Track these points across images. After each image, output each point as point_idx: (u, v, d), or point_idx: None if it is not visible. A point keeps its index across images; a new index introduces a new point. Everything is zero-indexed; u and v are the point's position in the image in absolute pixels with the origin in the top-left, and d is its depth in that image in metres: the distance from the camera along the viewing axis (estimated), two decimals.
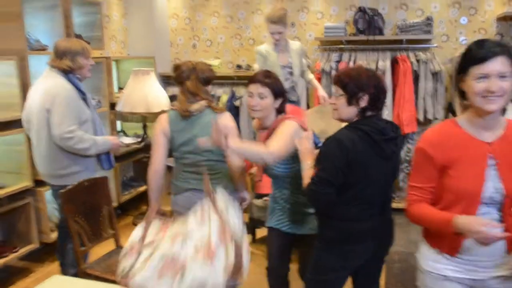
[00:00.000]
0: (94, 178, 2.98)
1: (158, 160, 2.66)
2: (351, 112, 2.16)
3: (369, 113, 2.16)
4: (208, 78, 2.67)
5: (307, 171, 2.20)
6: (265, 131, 2.51)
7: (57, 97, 2.97)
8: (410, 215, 1.89)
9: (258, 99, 2.46)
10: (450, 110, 4.91)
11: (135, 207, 5.33)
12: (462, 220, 1.67)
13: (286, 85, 4.04)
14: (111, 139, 3.33)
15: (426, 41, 4.95)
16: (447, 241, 1.81)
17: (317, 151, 2.24)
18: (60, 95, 2.98)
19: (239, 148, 2.28)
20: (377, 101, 2.15)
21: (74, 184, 2.81)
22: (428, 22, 4.81)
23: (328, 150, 2.10)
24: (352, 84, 2.13)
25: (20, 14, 3.60)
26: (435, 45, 4.93)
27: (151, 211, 2.68)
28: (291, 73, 4.10)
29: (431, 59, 4.80)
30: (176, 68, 2.67)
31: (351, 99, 2.13)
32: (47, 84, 3.05)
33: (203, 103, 2.62)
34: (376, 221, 2.21)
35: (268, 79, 2.48)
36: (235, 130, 2.68)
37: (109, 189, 3.09)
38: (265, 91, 2.45)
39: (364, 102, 2.12)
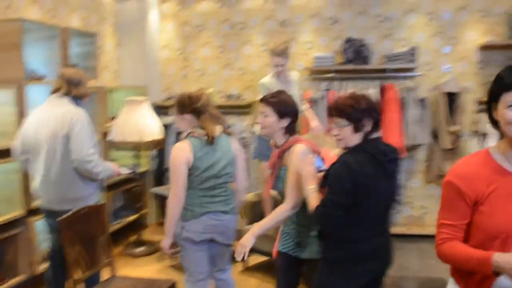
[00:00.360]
0: (91, 206, 2.99)
1: (183, 189, 2.74)
2: (357, 138, 2.22)
3: (371, 136, 2.25)
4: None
5: (311, 195, 2.25)
6: (277, 150, 2.58)
7: (75, 123, 3.06)
8: (441, 255, 1.73)
9: (263, 117, 2.56)
10: (435, 136, 5.04)
11: (124, 237, 5.29)
12: (503, 259, 1.51)
13: None
14: (113, 167, 3.40)
15: (411, 69, 5.11)
16: (477, 280, 1.67)
17: (320, 174, 2.29)
18: (78, 121, 3.08)
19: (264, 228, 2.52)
20: (378, 123, 2.26)
21: (73, 211, 2.82)
22: (412, 52, 4.98)
23: (337, 173, 2.15)
24: (355, 112, 2.18)
25: (20, 44, 3.66)
26: (419, 73, 5.09)
27: (169, 241, 2.80)
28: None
29: (416, 87, 4.95)
30: (195, 98, 2.79)
31: (358, 126, 2.19)
32: (60, 111, 3.11)
33: (219, 127, 2.82)
34: (381, 240, 2.28)
35: (273, 98, 2.57)
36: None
37: (106, 217, 3.09)
38: (268, 110, 2.54)
39: (369, 126, 2.21)
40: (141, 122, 4.54)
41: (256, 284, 4.05)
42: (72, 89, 3.17)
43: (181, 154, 2.71)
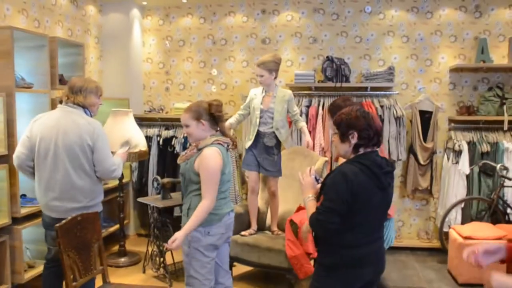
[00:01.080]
0: (86, 213, 3.00)
1: (215, 196, 2.84)
2: (345, 148, 2.36)
3: (361, 150, 2.34)
4: None
5: (309, 203, 2.41)
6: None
7: (98, 135, 3.19)
8: None
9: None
10: (411, 151, 5.27)
11: (105, 248, 5.22)
12: None
13: (265, 129, 4.23)
14: (121, 156, 3.62)
15: (389, 88, 5.34)
16: None
17: (318, 185, 2.45)
18: (100, 133, 3.21)
19: None
20: (366, 139, 2.32)
21: (68, 218, 2.83)
22: (390, 71, 5.21)
23: (334, 182, 2.27)
24: (343, 123, 2.34)
25: (10, 52, 3.65)
26: (396, 92, 5.32)
27: (184, 236, 2.82)
28: (272, 118, 4.24)
29: (393, 105, 5.17)
30: (215, 106, 2.95)
31: (343, 136, 2.35)
32: (80, 120, 3.17)
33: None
34: (374, 247, 2.39)
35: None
36: None
37: (100, 225, 3.10)
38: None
39: (354, 139, 2.32)
40: (126, 133, 4.56)
41: None
42: (71, 96, 3.22)
43: (218, 161, 2.83)
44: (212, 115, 2.93)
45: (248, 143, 4.30)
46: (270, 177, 4.35)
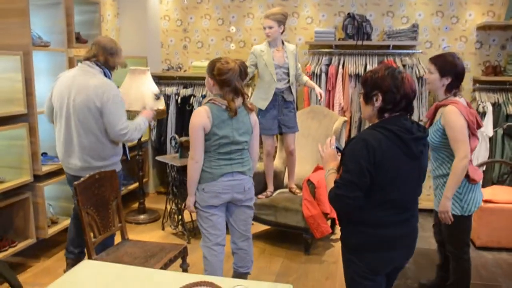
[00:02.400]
0: (104, 171, 3.03)
1: (199, 153, 2.84)
2: (368, 111, 2.10)
3: (386, 115, 2.06)
4: (245, 78, 2.96)
5: (329, 177, 2.13)
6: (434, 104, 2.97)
7: (108, 98, 3.13)
8: None
9: (428, 73, 2.99)
10: None
11: (125, 205, 5.35)
12: None
13: (282, 85, 4.15)
14: (145, 114, 3.57)
15: (411, 47, 5.17)
16: None
17: (340, 156, 2.18)
18: (110, 96, 3.15)
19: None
20: (392, 102, 2.02)
21: (86, 176, 2.87)
22: (414, 29, 5.03)
23: (354, 150, 1.99)
24: (368, 82, 2.08)
25: (25, 10, 3.62)
26: (419, 51, 5.16)
27: (192, 199, 2.93)
28: (287, 74, 4.17)
29: (416, 64, 5.02)
30: (224, 70, 2.81)
31: (366, 97, 2.10)
32: (93, 82, 3.16)
33: (241, 99, 2.89)
34: (405, 227, 2.11)
35: (438, 57, 2.95)
36: None
37: (118, 183, 3.13)
38: (432, 67, 2.94)
39: (378, 101, 2.04)
40: (144, 92, 4.55)
41: (259, 251, 4.16)
42: (108, 58, 3.23)
43: (198, 119, 2.80)
44: (219, 79, 2.85)
45: (264, 104, 4.16)
46: (288, 134, 4.28)
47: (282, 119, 4.21)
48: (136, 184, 5.22)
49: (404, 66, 5.02)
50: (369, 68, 5.07)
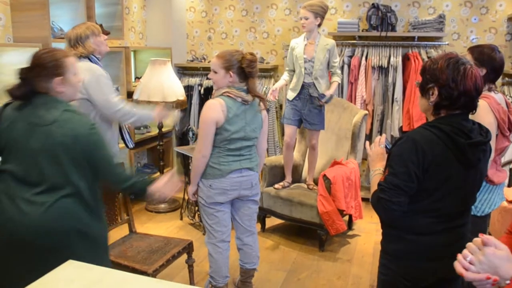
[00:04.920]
0: None
1: (208, 147, 2.66)
2: (424, 105, 1.81)
3: (442, 112, 1.76)
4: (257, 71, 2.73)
5: (375, 177, 1.88)
6: None
7: (89, 82, 2.85)
8: None
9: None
10: None
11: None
12: None
13: (310, 79, 3.88)
14: (157, 112, 3.17)
15: (437, 38, 4.80)
16: None
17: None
18: (89, 80, 2.85)
19: None
20: (448, 98, 1.71)
21: None
22: (441, 20, 4.66)
23: (402, 152, 1.73)
24: (426, 72, 1.77)
25: (46, 3, 3.52)
26: (446, 42, 4.78)
27: (193, 188, 2.82)
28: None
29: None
30: (248, 61, 2.62)
31: (422, 89, 1.79)
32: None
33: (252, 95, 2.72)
34: (453, 236, 1.81)
35: (474, 47, 2.59)
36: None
37: None
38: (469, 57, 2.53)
39: (434, 96, 1.74)
40: (164, 83, 4.40)
41: (273, 245, 3.97)
42: (71, 50, 2.94)
43: (211, 113, 2.60)
44: (243, 69, 2.63)
45: (292, 95, 3.93)
46: (311, 130, 4.04)
47: (305, 114, 3.95)
48: (159, 173, 5.11)
49: (429, 58, 4.65)
50: (392, 60, 4.75)
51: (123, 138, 3.32)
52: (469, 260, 1.17)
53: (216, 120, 2.60)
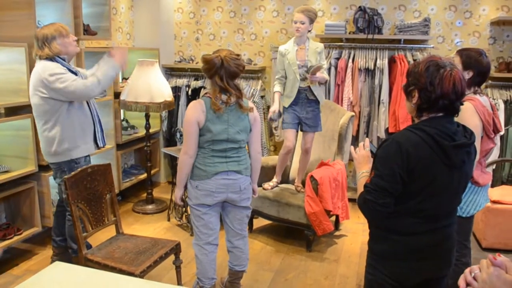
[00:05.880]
0: (97, 165, 2.86)
1: (192, 147, 2.64)
2: (409, 107, 1.83)
3: (425, 114, 1.77)
4: (235, 73, 2.61)
5: (361, 180, 1.89)
6: None
7: (50, 74, 2.89)
8: None
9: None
10: None
11: (135, 195, 5.23)
12: None
13: (305, 84, 3.86)
14: (116, 58, 3.09)
15: (423, 41, 4.86)
16: None
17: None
18: (44, 72, 2.90)
19: None
20: (427, 101, 1.73)
21: (78, 170, 2.71)
22: (426, 23, 4.71)
23: (387, 154, 1.74)
24: (409, 75, 1.80)
25: (32, 2, 3.47)
26: (431, 45, 4.84)
27: (180, 192, 2.79)
28: (308, 72, 3.83)
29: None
30: (205, 62, 2.59)
31: (405, 92, 1.82)
32: (35, 74, 3.00)
33: (233, 97, 2.63)
34: (438, 236, 1.83)
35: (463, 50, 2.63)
36: None
37: (112, 176, 2.97)
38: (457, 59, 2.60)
39: (415, 98, 1.76)
40: (152, 83, 4.38)
41: (261, 246, 3.97)
42: (39, 51, 2.99)
43: (191, 113, 2.59)
44: (208, 73, 2.62)
45: (288, 101, 3.88)
46: (308, 133, 3.98)
47: (304, 117, 3.93)
48: (146, 174, 5.08)
49: (415, 61, 4.71)
50: (379, 62, 4.78)
51: (95, 136, 3.26)
52: (473, 276, 1.15)
53: (197, 120, 2.59)
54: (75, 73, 3.08)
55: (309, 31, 3.87)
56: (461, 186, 1.85)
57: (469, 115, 2.39)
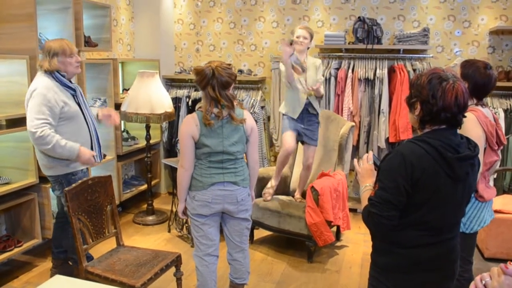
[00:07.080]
0: (98, 176, 2.85)
1: (189, 161, 2.64)
2: (412, 119, 1.83)
3: (428, 126, 1.77)
4: (227, 82, 2.57)
5: (365, 193, 1.88)
6: None
7: (33, 93, 2.91)
8: None
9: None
10: None
11: (135, 206, 5.22)
12: None
13: (306, 99, 3.90)
14: (81, 153, 3.00)
15: (422, 51, 4.87)
16: None
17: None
18: (35, 91, 2.91)
19: None
20: (429, 114, 1.74)
21: (79, 182, 2.70)
22: (425, 33, 4.73)
23: (391, 166, 1.74)
24: (412, 87, 1.81)
25: (33, 15, 3.50)
26: (430, 55, 4.85)
27: (182, 205, 2.78)
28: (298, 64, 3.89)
29: (427, 69, 4.70)
30: (197, 74, 2.58)
31: (408, 103, 1.83)
32: (31, 84, 3.02)
33: (225, 111, 2.60)
34: (442, 249, 1.82)
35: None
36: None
37: (113, 188, 2.96)
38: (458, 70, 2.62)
39: (417, 110, 1.77)
40: (152, 94, 4.39)
41: (262, 257, 3.95)
42: (40, 62, 3.02)
43: (185, 127, 2.60)
44: (199, 84, 2.60)
45: (295, 116, 3.92)
46: (310, 147, 4.02)
47: (304, 129, 3.96)
48: (147, 185, 5.07)
49: (414, 70, 4.74)
50: (378, 72, 4.80)
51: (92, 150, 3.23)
52: (484, 283, 1.14)
53: (191, 135, 2.59)
54: (74, 89, 3.09)
55: (308, 48, 3.99)
56: (465, 198, 1.84)
57: (471, 125, 2.37)
